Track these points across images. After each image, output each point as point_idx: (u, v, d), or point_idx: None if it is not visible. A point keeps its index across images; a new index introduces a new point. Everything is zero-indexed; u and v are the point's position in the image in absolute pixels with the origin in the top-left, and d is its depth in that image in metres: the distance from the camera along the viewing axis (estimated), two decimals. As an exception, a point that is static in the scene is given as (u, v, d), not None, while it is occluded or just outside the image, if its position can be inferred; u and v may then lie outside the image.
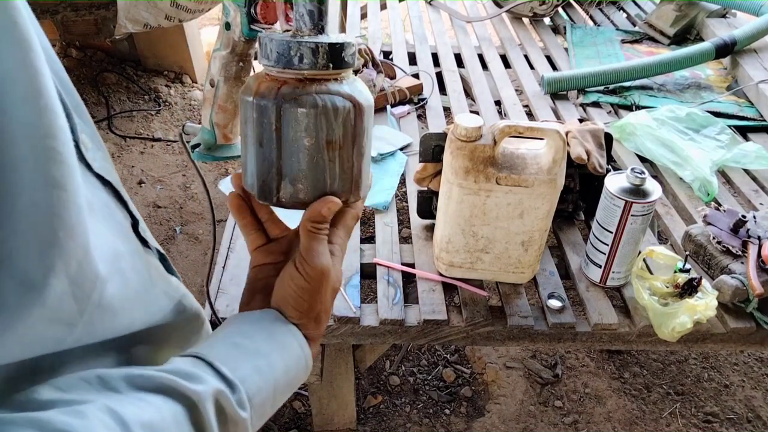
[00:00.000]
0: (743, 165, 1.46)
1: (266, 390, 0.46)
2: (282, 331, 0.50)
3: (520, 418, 1.63)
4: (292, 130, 0.48)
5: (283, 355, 0.49)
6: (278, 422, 1.60)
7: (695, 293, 1.03)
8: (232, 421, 0.42)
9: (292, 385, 0.50)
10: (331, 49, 0.47)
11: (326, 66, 0.47)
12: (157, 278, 0.46)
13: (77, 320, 0.37)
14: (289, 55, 0.47)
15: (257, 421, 0.46)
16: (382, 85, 1.65)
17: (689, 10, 2.10)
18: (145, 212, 2.28)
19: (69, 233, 0.35)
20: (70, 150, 0.35)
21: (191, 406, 0.40)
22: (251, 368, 0.45)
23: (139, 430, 0.36)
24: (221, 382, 0.43)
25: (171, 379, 0.40)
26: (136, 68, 3.06)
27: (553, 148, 0.97)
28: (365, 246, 1.22)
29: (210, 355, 0.45)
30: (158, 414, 0.38)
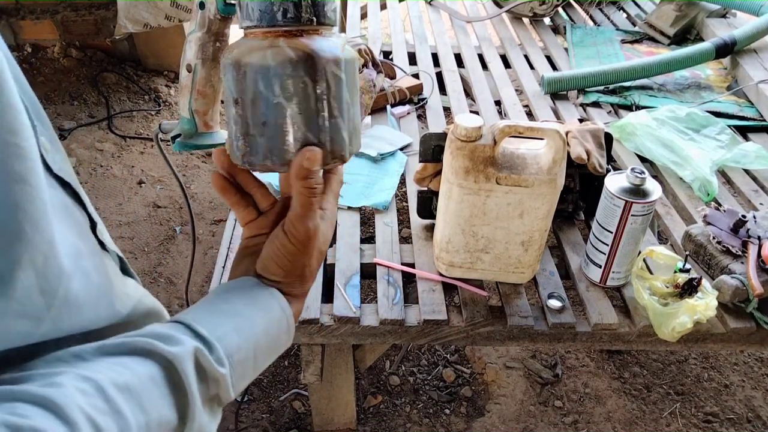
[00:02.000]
0: (743, 165, 1.46)
1: (246, 349, 0.47)
2: (262, 294, 0.50)
3: (520, 418, 1.63)
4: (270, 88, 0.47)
5: (263, 315, 0.49)
6: (278, 422, 1.60)
7: (695, 293, 1.03)
8: (212, 378, 0.43)
9: (276, 345, 0.51)
10: (314, 3, 0.47)
11: (310, 20, 0.47)
12: (114, 279, 0.47)
13: (44, 315, 0.37)
14: (272, 11, 0.46)
15: (238, 381, 0.46)
16: (382, 85, 1.65)
17: (689, 10, 2.10)
18: (145, 212, 2.28)
19: (35, 227, 0.35)
20: (33, 146, 0.36)
21: (167, 366, 0.40)
22: (230, 328, 0.46)
23: (114, 392, 0.37)
24: (198, 341, 0.43)
25: (146, 341, 0.41)
26: (136, 68, 3.06)
27: (553, 148, 0.97)
28: (365, 246, 1.22)
29: (187, 318, 0.45)
30: (134, 376, 0.39)
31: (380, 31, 2.18)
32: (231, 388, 0.45)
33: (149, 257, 2.09)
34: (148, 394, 0.39)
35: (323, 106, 0.48)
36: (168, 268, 2.04)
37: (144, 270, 2.03)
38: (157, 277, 2.01)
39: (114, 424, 0.36)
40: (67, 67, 2.99)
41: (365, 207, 1.32)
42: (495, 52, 2.03)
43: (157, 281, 2.00)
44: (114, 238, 2.15)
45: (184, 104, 0.65)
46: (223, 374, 0.44)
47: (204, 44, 0.60)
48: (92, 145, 2.59)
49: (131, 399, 0.38)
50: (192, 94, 0.63)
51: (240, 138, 0.49)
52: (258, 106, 0.48)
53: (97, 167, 2.48)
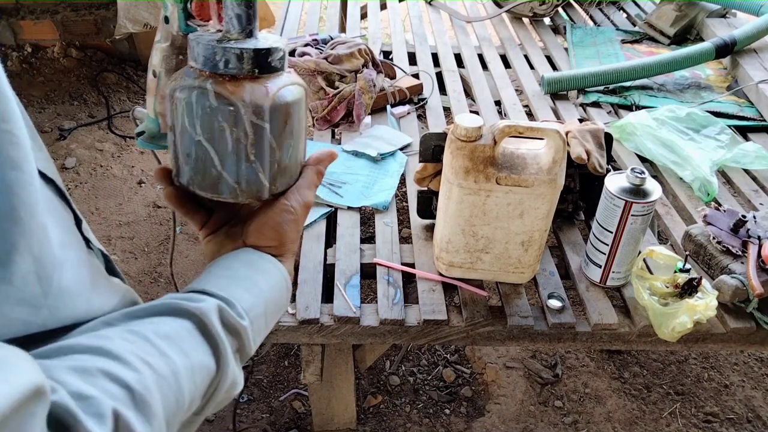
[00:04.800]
0: (743, 165, 1.46)
1: (258, 306, 0.50)
2: (258, 260, 0.54)
3: (520, 418, 1.63)
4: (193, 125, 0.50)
5: (265, 277, 0.52)
6: (278, 422, 1.60)
7: (695, 293, 1.03)
8: (234, 330, 0.46)
9: (280, 304, 0.54)
10: (256, 55, 0.49)
11: (252, 71, 0.49)
12: (98, 275, 0.47)
13: (42, 302, 0.38)
14: (214, 60, 0.48)
15: (256, 336, 0.50)
16: (382, 85, 1.65)
17: (689, 10, 2.10)
18: (145, 212, 2.28)
19: (30, 213, 0.36)
20: (24, 134, 0.36)
21: (197, 320, 0.43)
22: (241, 289, 0.49)
23: (157, 339, 0.40)
24: (219, 300, 0.46)
25: (171, 302, 0.44)
26: (136, 68, 3.06)
27: (553, 148, 0.97)
28: (365, 246, 1.22)
29: (200, 286, 0.48)
30: (171, 327, 0.42)
31: (380, 31, 2.18)
32: (252, 342, 0.48)
33: (149, 257, 2.08)
34: (187, 341, 0.42)
35: (241, 150, 0.50)
36: (168, 268, 2.04)
37: (144, 270, 2.03)
38: (157, 277, 2.01)
39: (164, 364, 0.39)
40: (67, 67, 2.99)
41: (365, 207, 1.32)
42: (495, 52, 2.03)
43: (157, 281, 2.00)
44: (114, 238, 2.16)
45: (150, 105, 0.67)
46: (244, 326, 0.47)
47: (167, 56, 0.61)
48: (92, 145, 2.59)
49: (174, 345, 0.41)
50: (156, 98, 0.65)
51: (172, 159, 0.53)
52: (184, 138, 0.51)
53: (97, 167, 2.48)
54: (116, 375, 0.36)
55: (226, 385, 0.46)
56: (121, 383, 0.36)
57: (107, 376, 0.35)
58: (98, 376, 0.35)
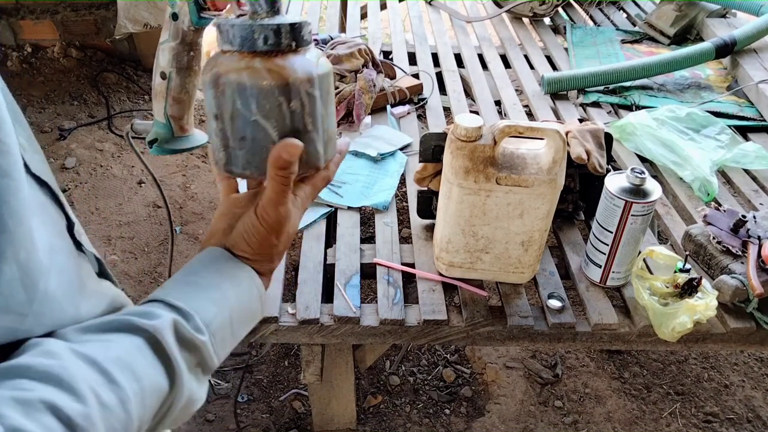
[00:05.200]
0: (743, 165, 1.46)
1: (222, 317, 0.49)
2: (230, 266, 0.52)
3: (520, 418, 1.63)
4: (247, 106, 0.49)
5: (233, 285, 0.51)
6: (278, 422, 1.60)
7: (695, 293, 1.03)
8: (192, 345, 0.45)
9: (250, 312, 0.53)
10: (293, 29, 0.49)
11: (289, 45, 0.49)
12: (87, 279, 0.47)
13: (27, 309, 0.38)
14: (253, 38, 0.49)
15: (219, 348, 0.48)
16: (382, 85, 1.65)
17: (689, 10, 2.10)
18: (145, 212, 2.28)
19: (17, 221, 0.36)
20: (14, 141, 0.36)
21: (150, 337, 0.42)
22: (204, 299, 0.48)
23: (107, 364, 0.38)
24: (176, 313, 0.45)
25: (125, 318, 0.43)
26: (136, 68, 3.06)
27: (553, 148, 0.97)
28: (365, 246, 1.22)
29: (162, 295, 0.47)
30: (121, 348, 0.41)
31: (380, 31, 2.18)
32: (213, 355, 0.47)
33: (149, 257, 2.08)
34: (138, 363, 0.41)
35: (298, 122, 0.50)
36: (168, 268, 2.04)
37: (144, 270, 2.03)
38: (157, 277, 2.01)
39: (113, 395, 0.38)
40: (67, 67, 2.99)
41: (365, 207, 1.32)
42: (495, 52, 2.03)
43: (157, 281, 2.00)
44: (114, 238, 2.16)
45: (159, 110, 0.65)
46: (203, 341, 0.46)
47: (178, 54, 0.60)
48: (92, 145, 2.59)
49: (124, 369, 0.39)
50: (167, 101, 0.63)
51: (221, 149, 0.52)
52: (236, 122, 0.50)
53: (97, 167, 2.48)
54: (60, 409, 0.34)
55: (180, 403, 0.45)
56: (63, 418, 0.34)
57: (50, 409, 0.34)
58: (40, 410, 0.34)
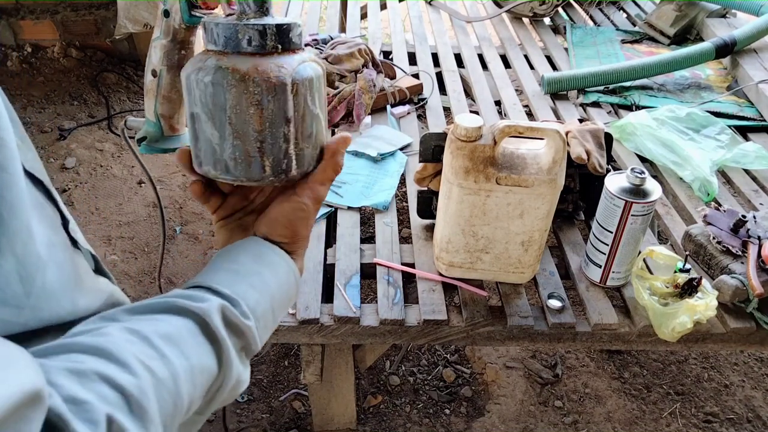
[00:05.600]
0: (743, 165, 1.46)
1: (264, 302, 0.49)
2: (267, 252, 0.52)
3: (520, 418, 1.63)
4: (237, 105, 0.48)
5: (272, 270, 0.51)
6: (278, 422, 1.60)
7: (695, 293, 1.03)
8: (238, 330, 0.46)
9: (288, 297, 0.53)
10: (279, 31, 0.48)
11: (275, 48, 0.48)
12: (84, 275, 0.47)
13: (24, 302, 0.38)
14: (236, 39, 0.47)
15: (263, 333, 0.49)
16: (382, 85, 1.65)
17: (689, 10, 2.10)
18: (145, 212, 2.28)
19: (13, 213, 0.36)
20: (11, 136, 0.36)
21: (200, 320, 0.43)
22: (246, 285, 0.48)
23: (158, 340, 0.39)
24: (222, 298, 0.46)
25: (174, 300, 0.43)
26: (136, 68, 3.06)
27: (553, 148, 0.97)
28: (365, 246, 1.22)
29: (206, 281, 0.47)
30: (172, 327, 0.41)
31: (380, 31, 2.18)
32: (258, 339, 0.48)
33: (149, 257, 2.08)
34: (187, 342, 0.41)
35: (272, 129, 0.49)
36: (168, 268, 2.04)
37: (144, 270, 2.03)
38: (158, 276, 2.01)
39: (164, 368, 0.38)
40: (67, 67, 2.99)
41: (365, 207, 1.32)
42: (495, 52, 2.03)
43: (157, 281, 2.00)
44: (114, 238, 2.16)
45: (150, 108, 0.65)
46: (249, 326, 0.46)
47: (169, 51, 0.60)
48: (92, 145, 2.59)
49: (174, 346, 0.40)
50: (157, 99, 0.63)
51: (194, 149, 0.52)
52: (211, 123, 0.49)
53: (97, 167, 2.48)
54: (113, 379, 0.35)
55: (230, 385, 0.45)
56: (117, 387, 0.35)
57: (104, 379, 0.35)
58: (94, 380, 0.34)
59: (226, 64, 0.48)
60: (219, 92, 0.48)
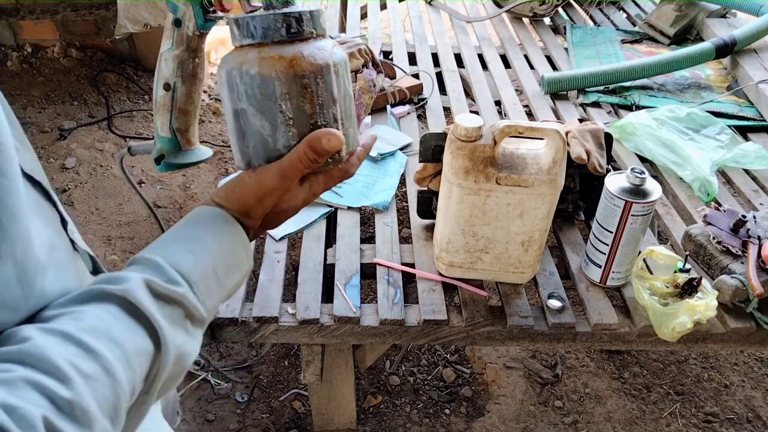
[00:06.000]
0: (743, 165, 1.46)
1: (203, 266, 0.48)
2: (207, 215, 0.51)
3: (520, 418, 1.63)
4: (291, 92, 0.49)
5: (214, 234, 0.50)
6: (278, 422, 1.60)
7: (695, 293, 1.03)
8: (170, 299, 0.44)
9: (235, 261, 0.52)
10: (312, 17, 0.50)
11: (311, 33, 0.50)
12: (83, 277, 0.47)
13: (22, 305, 0.38)
14: (276, 28, 0.49)
15: (206, 298, 0.47)
16: (382, 85, 1.65)
17: (689, 10, 2.10)
18: (145, 212, 2.28)
19: (13, 218, 0.36)
20: (10, 140, 0.36)
21: (123, 302, 0.41)
22: (181, 251, 0.47)
23: (81, 335, 0.38)
24: (147, 271, 0.44)
25: (95, 288, 0.42)
26: (136, 68, 3.06)
27: (553, 148, 0.97)
28: (365, 246, 1.22)
29: (138, 254, 0.46)
30: (94, 318, 0.40)
31: (380, 31, 2.18)
32: (198, 305, 0.46)
33: (149, 257, 2.08)
34: (114, 329, 0.40)
35: (332, 106, 0.51)
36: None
37: (144, 270, 2.03)
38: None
39: (94, 364, 0.37)
40: (67, 67, 2.99)
41: (365, 207, 1.32)
42: (495, 52, 2.03)
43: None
44: (114, 238, 2.16)
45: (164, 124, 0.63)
46: (181, 293, 0.45)
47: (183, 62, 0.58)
48: (92, 145, 2.59)
49: (100, 337, 0.39)
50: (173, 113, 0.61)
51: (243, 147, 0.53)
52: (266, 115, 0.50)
53: (97, 167, 2.48)
54: (41, 384, 0.34)
55: (171, 360, 0.44)
56: (46, 392, 0.34)
57: (32, 385, 0.34)
58: (22, 387, 0.33)
59: (269, 53, 0.49)
60: (268, 82, 0.49)
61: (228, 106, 0.51)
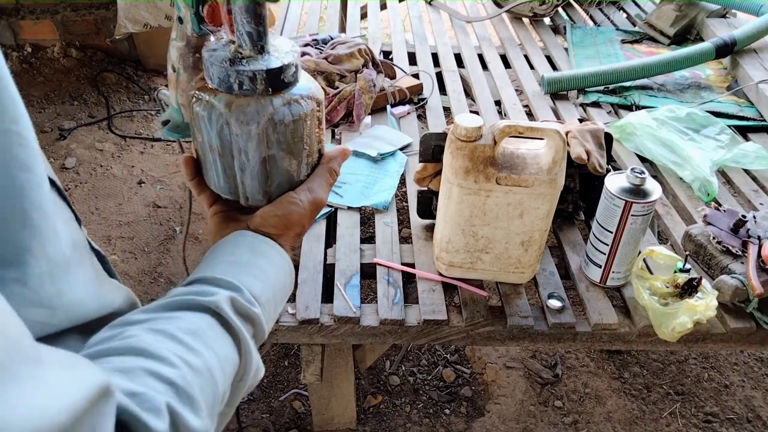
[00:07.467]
0: (743, 165, 1.46)
1: (267, 290, 0.50)
2: (260, 243, 0.54)
3: (520, 418, 1.63)
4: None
5: (269, 262, 0.53)
6: (278, 422, 1.60)
7: (695, 293, 1.03)
8: (248, 318, 0.47)
9: (285, 288, 0.55)
10: (269, 75, 0.50)
11: (266, 90, 0.51)
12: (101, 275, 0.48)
13: (57, 303, 0.38)
14: (229, 82, 0.50)
15: (268, 321, 0.50)
16: (382, 85, 1.65)
17: (689, 10, 2.10)
18: (145, 212, 2.28)
19: (42, 214, 0.36)
20: (33, 136, 0.36)
21: (214, 313, 0.44)
22: (248, 275, 0.50)
23: (183, 335, 0.40)
24: (228, 288, 0.46)
25: (184, 297, 0.44)
26: (136, 68, 3.06)
27: (553, 148, 0.97)
28: (365, 246, 1.22)
29: (207, 274, 0.48)
30: (191, 323, 0.42)
31: (380, 31, 2.18)
32: (265, 327, 0.49)
33: (149, 257, 2.08)
34: (209, 335, 0.42)
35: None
36: (168, 268, 2.04)
37: (144, 270, 2.03)
38: (157, 277, 2.01)
39: (198, 360, 0.39)
40: (67, 67, 2.99)
41: (365, 207, 1.32)
42: (495, 52, 2.03)
43: (157, 281, 2.00)
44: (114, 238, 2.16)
45: (172, 96, 0.68)
46: (257, 313, 0.47)
47: (184, 54, 0.63)
48: (92, 145, 2.59)
49: (199, 340, 0.41)
50: (177, 91, 0.66)
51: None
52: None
53: (97, 167, 2.48)
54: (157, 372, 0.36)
55: (251, 372, 0.46)
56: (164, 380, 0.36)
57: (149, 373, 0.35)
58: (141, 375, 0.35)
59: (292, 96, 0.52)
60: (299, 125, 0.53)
61: (253, 157, 0.53)
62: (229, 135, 0.51)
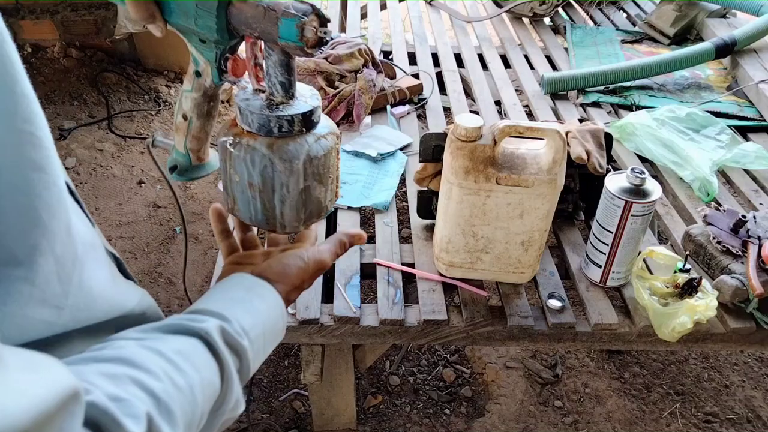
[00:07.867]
0: (743, 165, 1.46)
1: (257, 327, 0.51)
2: (257, 284, 0.56)
3: (520, 418, 1.63)
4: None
5: (263, 301, 0.54)
6: (278, 422, 1.60)
7: (695, 293, 1.03)
8: (236, 349, 0.48)
9: (276, 329, 0.56)
10: (304, 117, 0.57)
11: (300, 131, 0.57)
12: (116, 275, 0.48)
13: (63, 303, 0.38)
14: (269, 126, 0.56)
15: (255, 358, 0.51)
16: (382, 85, 1.65)
17: (689, 10, 2.10)
18: (145, 212, 2.28)
19: (51, 214, 0.36)
20: (47, 135, 0.36)
21: (203, 338, 0.45)
22: (240, 310, 0.51)
23: (172, 354, 0.41)
24: (219, 319, 0.47)
25: (176, 322, 0.45)
26: (136, 68, 3.06)
27: (553, 148, 0.97)
28: (365, 246, 1.22)
29: (201, 306, 0.49)
30: (182, 344, 0.43)
31: (380, 31, 2.18)
32: (252, 362, 0.49)
33: (149, 257, 2.08)
34: (197, 358, 0.43)
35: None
36: (168, 268, 2.04)
37: (144, 270, 2.03)
38: (157, 277, 2.01)
39: (183, 380, 0.40)
40: (67, 67, 2.99)
41: (365, 207, 1.32)
42: (495, 52, 2.03)
43: (157, 281, 2.00)
44: (114, 238, 2.15)
45: (180, 142, 0.71)
46: (245, 346, 0.48)
47: (199, 104, 0.65)
48: (92, 145, 2.59)
49: (187, 361, 0.42)
50: (187, 137, 0.69)
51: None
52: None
53: (97, 167, 2.48)
54: (142, 382, 0.37)
55: (230, 404, 0.47)
56: (148, 391, 0.36)
57: (134, 382, 0.36)
58: (126, 382, 0.36)
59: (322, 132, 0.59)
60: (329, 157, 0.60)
61: (293, 189, 0.59)
62: (272, 172, 0.57)
